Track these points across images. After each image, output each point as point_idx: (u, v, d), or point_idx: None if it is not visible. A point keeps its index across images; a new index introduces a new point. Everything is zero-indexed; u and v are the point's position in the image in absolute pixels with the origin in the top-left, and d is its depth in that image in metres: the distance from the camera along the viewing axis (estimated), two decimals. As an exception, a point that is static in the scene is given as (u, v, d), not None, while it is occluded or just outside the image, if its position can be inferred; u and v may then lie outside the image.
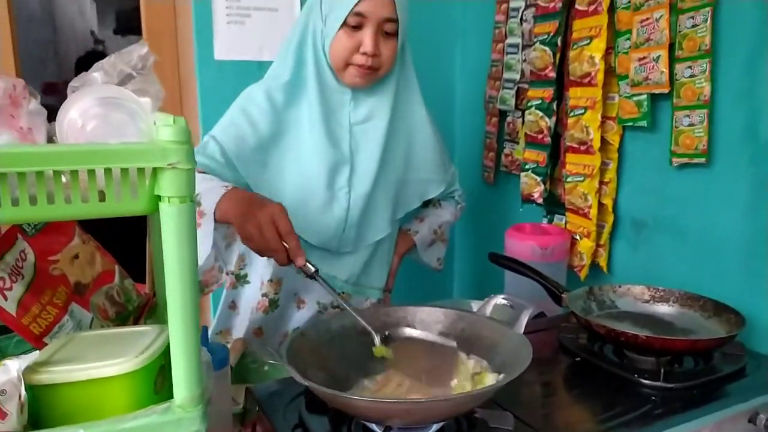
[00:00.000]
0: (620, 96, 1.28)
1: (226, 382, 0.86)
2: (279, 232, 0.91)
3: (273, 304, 1.20)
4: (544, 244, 1.30)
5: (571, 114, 1.35)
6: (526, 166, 1.51)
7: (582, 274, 1.39)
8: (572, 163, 1.37)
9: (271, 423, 0.79)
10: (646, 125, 1.23)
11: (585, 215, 1.36)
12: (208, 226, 0.98)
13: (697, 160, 1.14)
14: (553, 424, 0.81)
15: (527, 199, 1.53)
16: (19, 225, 0.67)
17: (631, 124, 1.26)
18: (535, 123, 1.47)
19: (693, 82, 1.12)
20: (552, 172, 1.48)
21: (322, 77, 1.12)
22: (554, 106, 1.42)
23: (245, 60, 1.64)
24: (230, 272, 1.24)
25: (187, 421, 0.55)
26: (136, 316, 0.79)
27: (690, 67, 1.12)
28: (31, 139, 0.57)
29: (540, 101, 1.45)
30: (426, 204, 1.33)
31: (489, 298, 1.06)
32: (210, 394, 0.61)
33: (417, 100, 1.22)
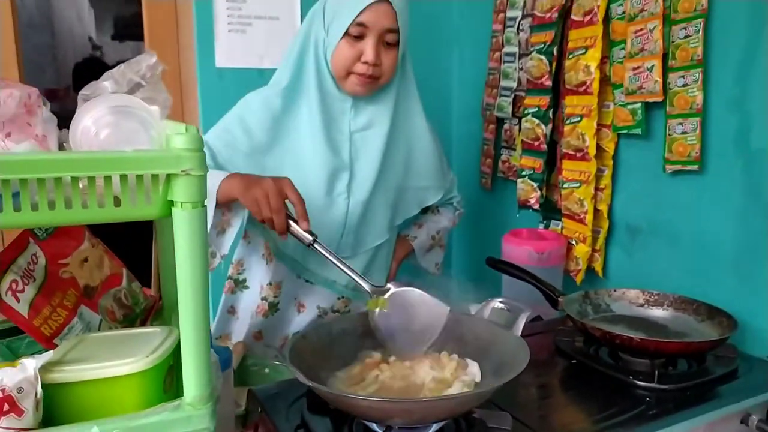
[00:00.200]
0: (615, 104, 1.30)
1: (229, 384, 0.87)
2: (288, 199, 0.94)
3: (273, 307, 1.21)
4: (541, 249, 1.31)
5: (567, 122, 1.37)
6: (523, 173, 1.53)
7: (578, 279, 1.40)
8: (568, 169, 1.39)
9: (274, 424, 0.80)
10: (640, 133, 1.25)
11: (581, 221, 1.38)
12: (209, 203, 0.99)
13: (690, 167, 1.17)
14: (550, 424, 0.83)
15: (524, 205, 1.54)
16: (31, 229, 0.69)
17: (625, 131, 1.28)
18: (532, 130, 1.49)
19: (686, 91, 1.15)
20: (548, 179, 1.50)
21: (323, 85, 1.13)
22: (550, 113, 1.44)
23: (246, 68, 1.65)
24: (229, 276, 1.25)
25: (196, 418, 0.57)
26: (143, 318, 0.81)
27: (683, 77, 1.15)
28: (46, 146, 0.59)
29: (536, 109, 1.47)
30: (425, 210, 1.34)
31: (487, 302, 1.08)
32: (218, 393, 0.63)
33: (417, 110, 1.23)
